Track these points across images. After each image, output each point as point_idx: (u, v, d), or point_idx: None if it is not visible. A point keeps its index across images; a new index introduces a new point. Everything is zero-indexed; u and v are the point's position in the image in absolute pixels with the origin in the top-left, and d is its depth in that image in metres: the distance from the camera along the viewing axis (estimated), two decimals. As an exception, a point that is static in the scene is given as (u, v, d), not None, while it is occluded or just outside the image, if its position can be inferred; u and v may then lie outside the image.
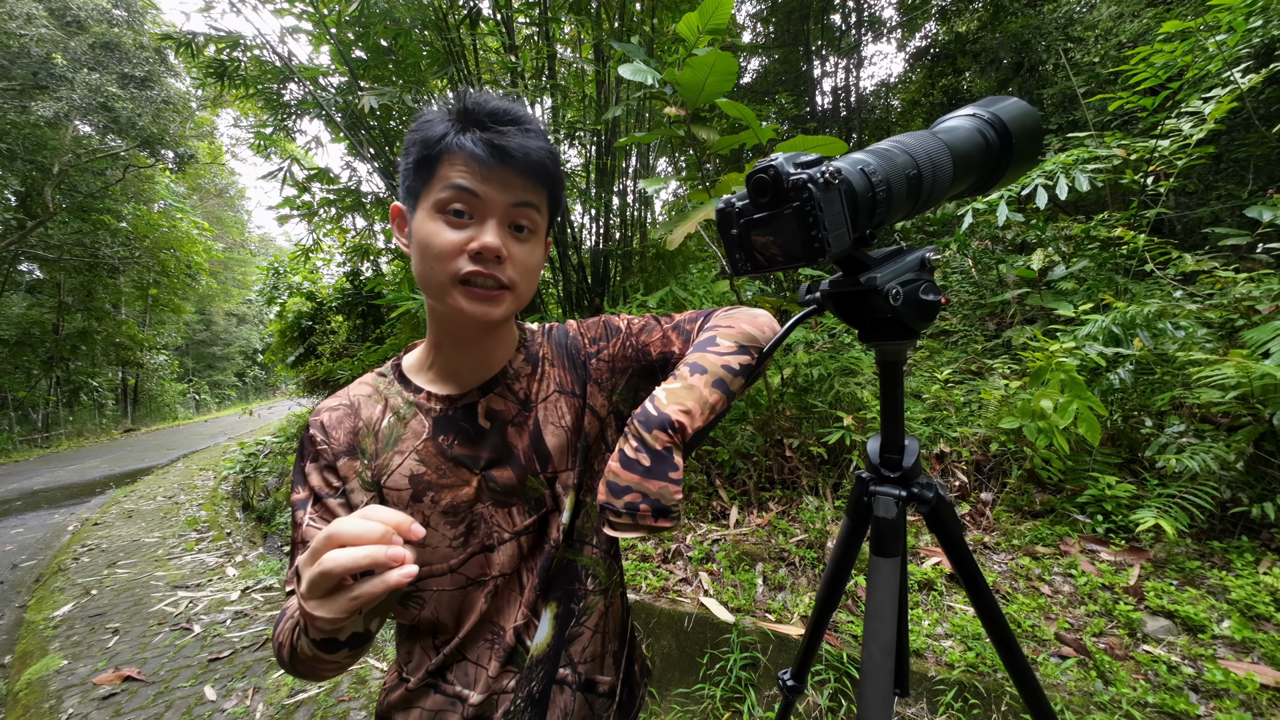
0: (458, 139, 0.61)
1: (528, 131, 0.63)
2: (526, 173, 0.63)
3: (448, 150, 0.61)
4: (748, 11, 8.46)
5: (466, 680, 0.69)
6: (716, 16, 2.00)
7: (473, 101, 0.62)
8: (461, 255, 0.61)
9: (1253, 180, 3.85)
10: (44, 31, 12.03)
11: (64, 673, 2.68)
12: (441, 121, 0.62)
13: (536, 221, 0.66)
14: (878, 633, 0.63)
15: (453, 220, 0.62)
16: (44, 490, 7.70)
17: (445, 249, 0.61)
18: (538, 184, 0.65)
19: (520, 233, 0.65)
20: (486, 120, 0.62)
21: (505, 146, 0.61)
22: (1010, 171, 0.64)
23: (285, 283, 8.00)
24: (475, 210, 0.62)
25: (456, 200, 0.61)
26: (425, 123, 0.63)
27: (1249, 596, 1.76)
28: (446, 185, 0.61)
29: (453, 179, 0.61)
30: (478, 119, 0.62)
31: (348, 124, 4.66)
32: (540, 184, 0.65)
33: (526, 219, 0.65)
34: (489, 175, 0.61)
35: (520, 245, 0.65)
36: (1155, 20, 4.50)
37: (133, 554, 4.46)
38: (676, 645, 2.10)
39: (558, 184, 0.68)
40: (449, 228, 0.62)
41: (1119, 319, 2.42)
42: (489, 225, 0.62)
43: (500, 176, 0.62)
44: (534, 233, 0.67)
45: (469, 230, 0.62)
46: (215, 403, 27.77)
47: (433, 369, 0.74)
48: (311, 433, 0.71)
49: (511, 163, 0.61)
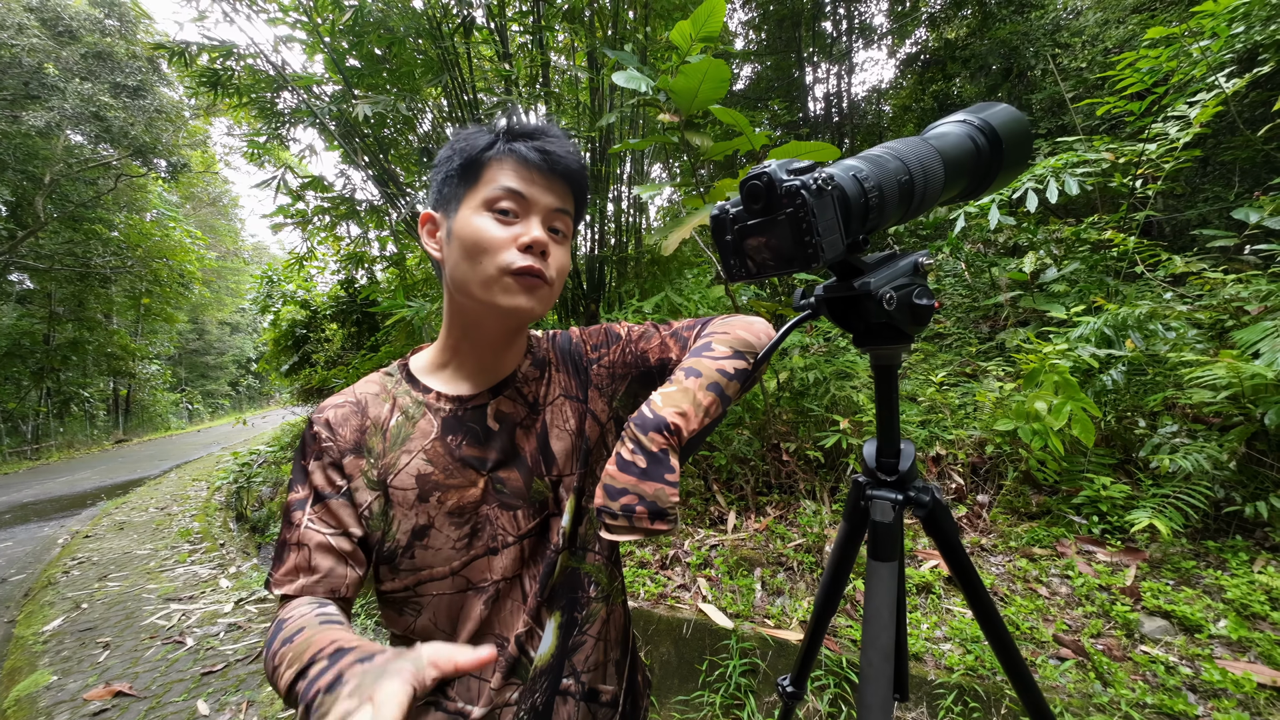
0: (509, 145, 0.67)
1: (566, 146, 0.69)
2: (566, 179, 0.69)
3: (498, 155, 0.67)
4: (740, 19, 8.53)
5: (469, 695, 0.67)
6: (709, 24, 2.02)
7: (516, 121, 0.69)
8: (510, 249, 0.65)
9: (1239, 183, 3.91)
10: (36, 41, 12.00)
11: (54, 689, 2.63)
12: (485, 135, 0.68)
13: (569, 226, 0.72)
14: (876, 637, 0.63)
15: (500, 218, 0.66)
16: (33, 503, 7.60)
17: (496, 242, 0.65)
18: (572, 192, 0.71)
19: (556, 235, 0.70)
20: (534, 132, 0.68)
21: (553, 153, 0.67)
22: (1001, 177, 0.65)
23: (279, 291, 7.96)
24: (521, 210, 0.67)
25: (505, 199, 0.66)
26: (468, 135, 0.69)
27: (1244, 596, 1.77)
28: (496, 186, 0.66)
29: (501, 181, 0.66)
30: (523, 134, 0.68)
31: (342, 132, 4.66)
32: (574, 192, 0.71)
33: (561, 223, 0.70)
34: (535, 179, 0.67)
35: (557, 247, 0.69)
36: (1141, 26, 4.58)
37: (124, 567, 4.40)
38: (675, 652, 2.08)
39: (585, 196, 0.74)
40: (497, 224, 0.65)
41: (1111, 321, 2.44)
42: (534, 222, 0.67)
43: (545, 181, 0.67)
44: (566, 237, 0.72)
45: (516, 227, 0.66)
46: (208, 412, 27.56)
47: (446, 370, 0.74)
48: (316, 430, 0.69)
49: (557, 168, 0.68)
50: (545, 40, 4.20)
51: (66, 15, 12.96)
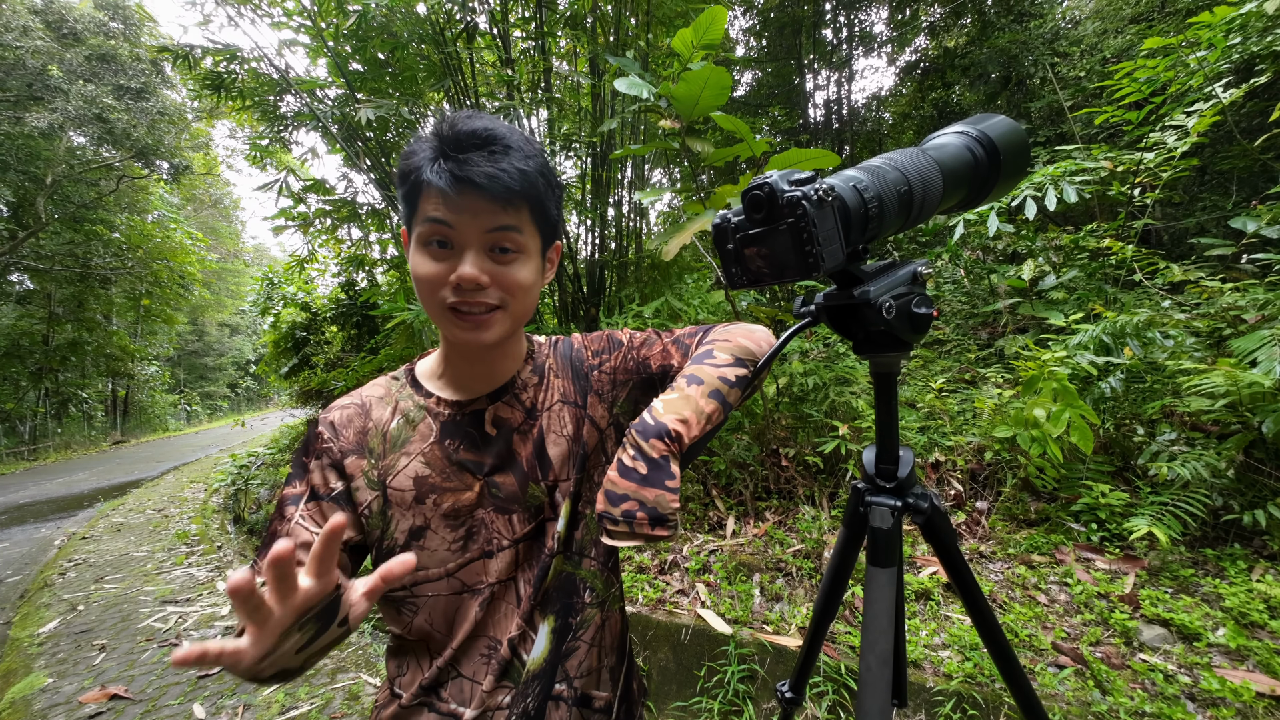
0: (430, 173, 0.61)
1: (495, 154, 0.61)
2: (496, 198, 0.61)
3: (424, 186, 0.62)
4: (741, 26, 8.59)
5: (461, 697, 0.68)
6: (710, 32, 2.03)
7: (448, 126, 0.63)
8: (445, 286, 0.63)
9: (1236, 191, 3.93)
10: (40, 44, 12.06)
11: (49, 691, 2.62)
12: (422, 151, 0.63)
13: (519, 241, 0.65)
14: (875, 643, 0.63)
15: (435, 252, 0.63)
16: (30, 504, 7.58)
17: (429, 280, 0.64)
18: (513, 205, 0.63)
19: (505, 254, 0.65)
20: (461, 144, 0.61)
21: (469, 177, 0.60)
22: (999, 187, 0.66)
23: (279, 293, 7.97)
24: (454, 240, 0.63)
25: (434, 234, 0.63)
26: (410, 153, 0.64)
27: (1243, 604, 1.77)
28: (424, 219, 0.63)
29: (428, 213, 0.62)
30: (452, 144, 0.62)
31: (344, 135, 4.68)
32: (517, 204, 0.63)
33: (508, 241, 0.64)
34: (459, 205, 0.61)
35: (505, 266, 0.65)
36: (1138, 36, 4.62)
37: (121, 569, 4.38)
38: (673, 658, 2.08)
39: (542, 198, 0.66)
40: (432, 260, 0.64)
41: (1109, 328, 2.45)
42: (467, 256, 0.63)
43: (470, 205, 0.61)
44: (520, 252, 0.66)
45: (449, 261, 0.63)
46: (207, 414, 27.49)
47: (444, 377, 0.76)
48: (320, 429, 0.72)
49: (478, 191, 0.60)
50: (547, 46, 4.23)
51: (71, 18, 13.03)
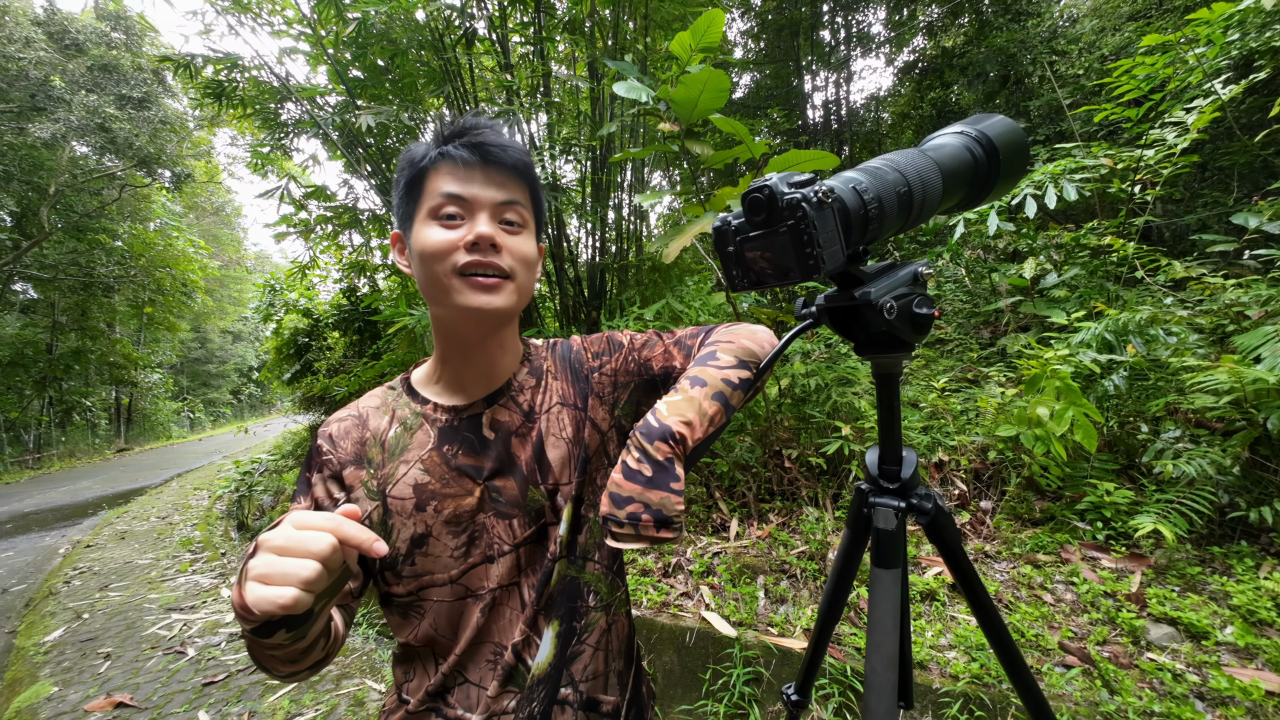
0: (441, 150, 0.67)
1: (500, 138, 0.69)
2: (506, 169, 0.68)
3: (433, 163, 0.67)
4: (739, 29, 8.62)
5: (468, 703, 0.68)
6: (709, 35, 2.04)
7: (446, 125, 0.69)
8: (458, 250, 0.66)
9: (1237, 187, 3.92)
10: (42, 54, 12.14)
11: (55, 700, 2.62)
12: (423, 146, 0.69)
13: (524, 216, 0.71)
14: (880, 644, 0.63)
15: (446, 223, 0.67)
16: (35, 512, 7.59)
17: (442, 246, 0.66)
18: (519, 181, 0.70)
19: (511, 227, 0.70)
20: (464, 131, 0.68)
21: (484, 143, 0.67)
22: (998, 187, 0.66)
23: (281, 300, 7.98)
24: (466, 210, 0.67)
25: (448, 204, 0.66)
26: (410, 150, 0.70)
27: (1250, 602, 1.76)
28: (436, 195, 0.67)
29: (441, 187, 0.67)
30: (454, 134, 0.68)
31: (345, 142, 4.70)
32: (521, 181, 0.70)
33: (514, 214, 0.70)
34: (473, 176, 0.67)
35: (513, 237, 0.69)
36: (1136, 34, 4.62)
37: (125, 576, 4.39)
38: (678, 661, 2.07)
39: (536, 185, 0.73)
40: (444, 229, 0.66)
41: (1111, 326, 2.45)
42: (480, 219, 0.67)
43: (485, 176, 0.67)
44: (524, 227, 0.71)
45: (463, 229, 0.67)
46: (210, 421, 27.56)
47: (440, 382, 0.76)
48: (319, 443, 0.73)
49: (492, 160, 0.67)
50: (546, 51, 4.24)
51: (73, 29, 13.11)
